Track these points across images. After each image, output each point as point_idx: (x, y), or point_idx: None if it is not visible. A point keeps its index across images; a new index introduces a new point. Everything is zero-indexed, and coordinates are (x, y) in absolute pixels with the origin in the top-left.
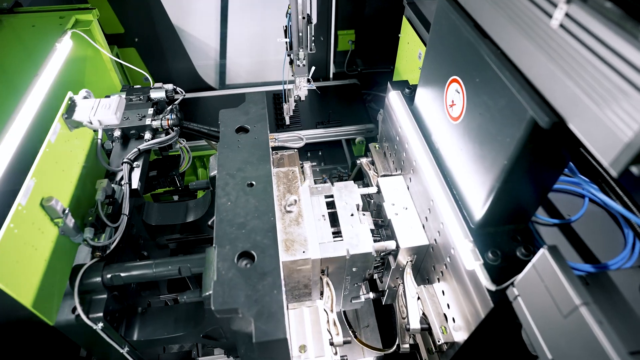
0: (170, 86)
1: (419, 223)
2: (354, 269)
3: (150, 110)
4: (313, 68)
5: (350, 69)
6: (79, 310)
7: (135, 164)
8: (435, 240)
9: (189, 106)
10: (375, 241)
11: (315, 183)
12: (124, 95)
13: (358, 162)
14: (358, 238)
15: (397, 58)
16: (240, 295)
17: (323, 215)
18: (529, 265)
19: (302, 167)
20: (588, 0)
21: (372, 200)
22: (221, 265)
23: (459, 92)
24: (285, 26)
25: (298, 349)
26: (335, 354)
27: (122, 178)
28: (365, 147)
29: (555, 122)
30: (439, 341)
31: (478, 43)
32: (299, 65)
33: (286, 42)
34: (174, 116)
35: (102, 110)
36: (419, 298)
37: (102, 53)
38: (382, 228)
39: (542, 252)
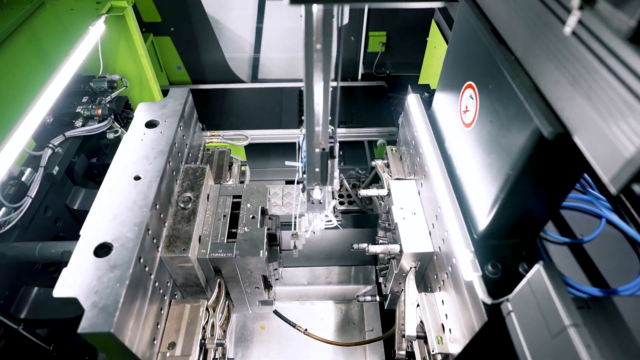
0: (116, 76)
1: (426, 229)
2: (248, 272)
3: (85, 99)
4: (335, 202)
5: (379, 71)
6: None
7: (57, 149)
8: (439, 248)
9: (217, 97)
10: (379, 243)
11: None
12: None
13: (373, 163)
14: (251, 242)
15: (424, 62)
16: (83, 284)
17: (224, 216)
18: (524, 280)
19: (230, 166)
20: (601, 9)
21: (383, 203)
22: (78, 254)
23: (472, 98)
24: (298, 145)
25: (167, 345)
26: (214, 357)
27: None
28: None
29: (559, 133)
30: (433, 351)
31: (493, 48)
32: (312, 203)
33: (297, 167)
34: (105, 106)
35: None
36: (418, 305)
37: (135, 40)
38: (389, 231)
39: (537, 268)
